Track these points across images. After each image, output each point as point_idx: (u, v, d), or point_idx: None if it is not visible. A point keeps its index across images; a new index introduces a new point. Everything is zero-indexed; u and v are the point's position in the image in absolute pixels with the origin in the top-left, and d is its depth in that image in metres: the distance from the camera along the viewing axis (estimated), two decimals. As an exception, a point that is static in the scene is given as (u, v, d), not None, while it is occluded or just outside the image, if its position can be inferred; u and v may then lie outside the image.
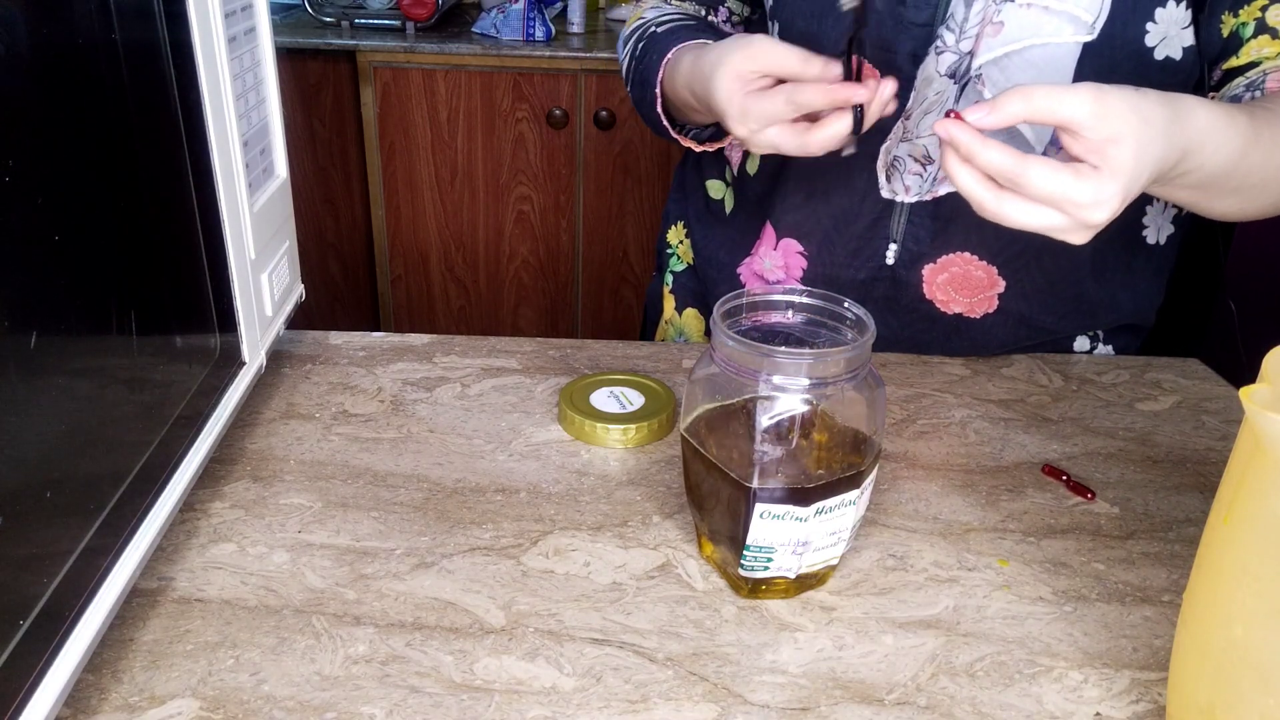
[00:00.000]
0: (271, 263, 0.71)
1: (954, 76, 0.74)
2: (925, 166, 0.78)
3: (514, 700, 0.49)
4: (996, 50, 0.71)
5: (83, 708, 0.48)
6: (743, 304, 0.58)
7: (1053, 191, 0.55)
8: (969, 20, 0.72)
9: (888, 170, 0.80)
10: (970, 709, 0.50)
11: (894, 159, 0.79)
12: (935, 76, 0.75)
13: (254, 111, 0.67)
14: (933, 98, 0.76)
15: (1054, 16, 0.70)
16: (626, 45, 0.90)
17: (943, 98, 0.75)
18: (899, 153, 0.79)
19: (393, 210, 2.19)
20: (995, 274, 0.82)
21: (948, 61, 0.74)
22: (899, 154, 0.79)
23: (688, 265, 1.02)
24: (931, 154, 0.78)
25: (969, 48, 0.73)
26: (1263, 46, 0.74)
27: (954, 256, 0.82)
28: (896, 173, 0.79)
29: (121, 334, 0.51)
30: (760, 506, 0.52)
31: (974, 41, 0.72)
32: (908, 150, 0.78)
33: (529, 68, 2.05)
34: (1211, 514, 0.42)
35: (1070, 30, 0.70)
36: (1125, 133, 0.55)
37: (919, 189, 0.79)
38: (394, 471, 0.67)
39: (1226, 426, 0.77)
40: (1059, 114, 0.55)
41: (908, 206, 0.80)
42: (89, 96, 0.48)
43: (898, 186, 0.80)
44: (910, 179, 0.79)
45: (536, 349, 0.84)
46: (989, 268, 0.82)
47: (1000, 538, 0.63)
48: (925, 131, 0.77)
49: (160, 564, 0.57)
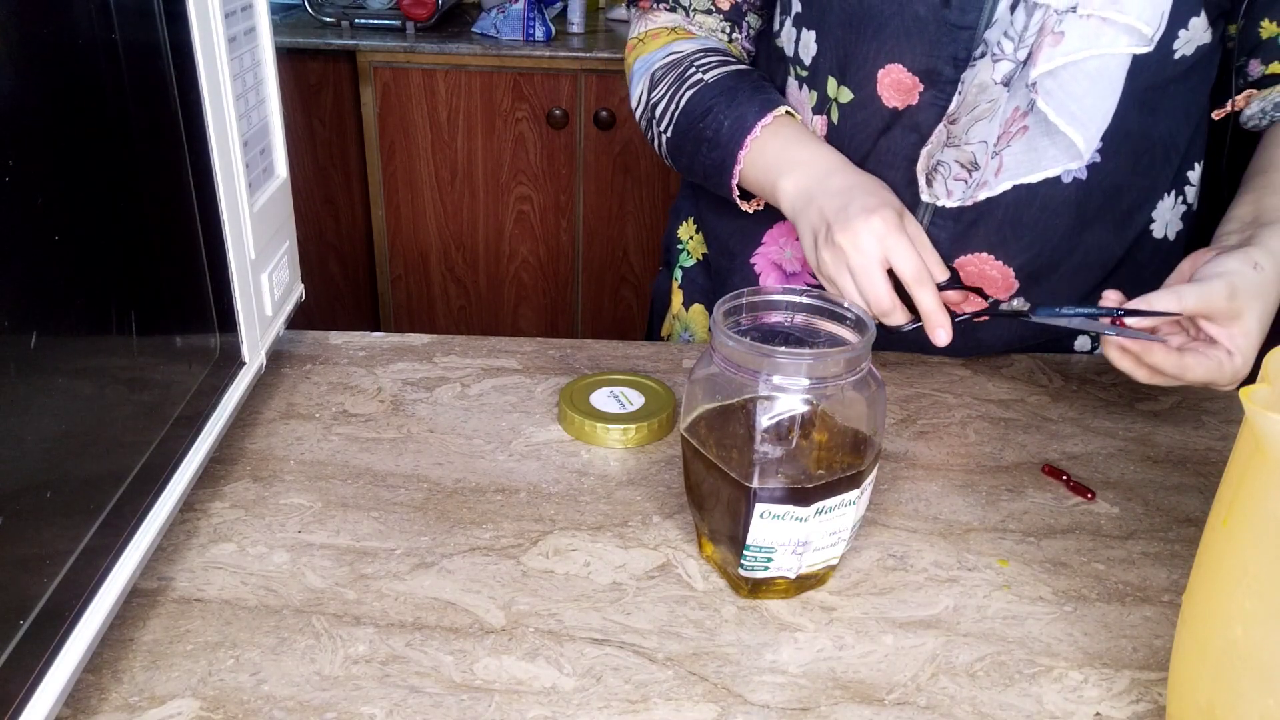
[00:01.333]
0: (271, 263, 0.71)
1: (1007, 85, 0.74)
2: (971, 173, 0.77)
3: (514, 700, 0.49)
4: (1057, 60, 0.71)
5: (83, 708, 0.48)
6: (743, 304, 0.58)
7: (1205, 379, 0.67)
8: (1028, 29, 0.72)
9: (929, 174, 0.79)
10: (970, 709, 0.50)
11: (937, 163, 0.78)
12: (990, 84, 0.74)
13: (254, 111, 0.67)
14: (985, 105, 0.75)
15: (1112, 27, 0.70)
16: (654, 76, 0.88)
17: (995, 106, 0.75)
18: (944, 158, 0.78)
19: (393, 210, 2.19)
20: (1011, 276, 0.82)
21: (1004, 70, 0.73)
22: (943, 159, 0.78)
23: (697, 260, 1.02)
24: (978, 160, 0.77)
25: (1024, 56, 0.72)
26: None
27: (971, 257, 0.81)
28: (939, 177, 0.78)
29: (121, 334, 0.51)
30: (760, 506, 0.52)
31: (1031, 50, 0.72)
32: (954, 156, 0.77)
33: (529, 68, 2.05)
34: (1211, 514, 0.42)
35: (1126, 41, 0.70)
36: (1247, 312, 0.66)
37: (962, 194, 0.79)
38: (394, 471, 0.67)
39: (1226, 426, 0.77)
40: (1204, 309, 0.66)
41: (932, 208, 0.80)
42: (89, 96, 0.48)
43: (940, 190, 0.79)
44: (954, 184, 0.78)
45: (536, 349, 0.84)
46: (1005, 269, 0.82)
47: (1000, 538, 0.63)
48: (975, 138, 0.76)
49: (160, 564, 0.57)
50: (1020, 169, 0.77)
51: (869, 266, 0.70)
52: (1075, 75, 0.72)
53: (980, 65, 0.74)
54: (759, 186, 0.81)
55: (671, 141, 0.87)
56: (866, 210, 0.71)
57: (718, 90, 0.83)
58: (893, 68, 0.77)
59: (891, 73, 0.77)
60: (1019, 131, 0.76)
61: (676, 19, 0.91)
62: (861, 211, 0.71)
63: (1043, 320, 0.72)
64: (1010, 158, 0.77)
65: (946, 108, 0.76)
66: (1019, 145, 0.76)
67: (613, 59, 2.05)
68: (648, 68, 0.89)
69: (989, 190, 0.78)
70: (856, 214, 0.71)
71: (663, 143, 0.88)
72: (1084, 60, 0.71)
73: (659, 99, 0.87)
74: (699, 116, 0.83)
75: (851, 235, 0.70)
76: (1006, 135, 0.76)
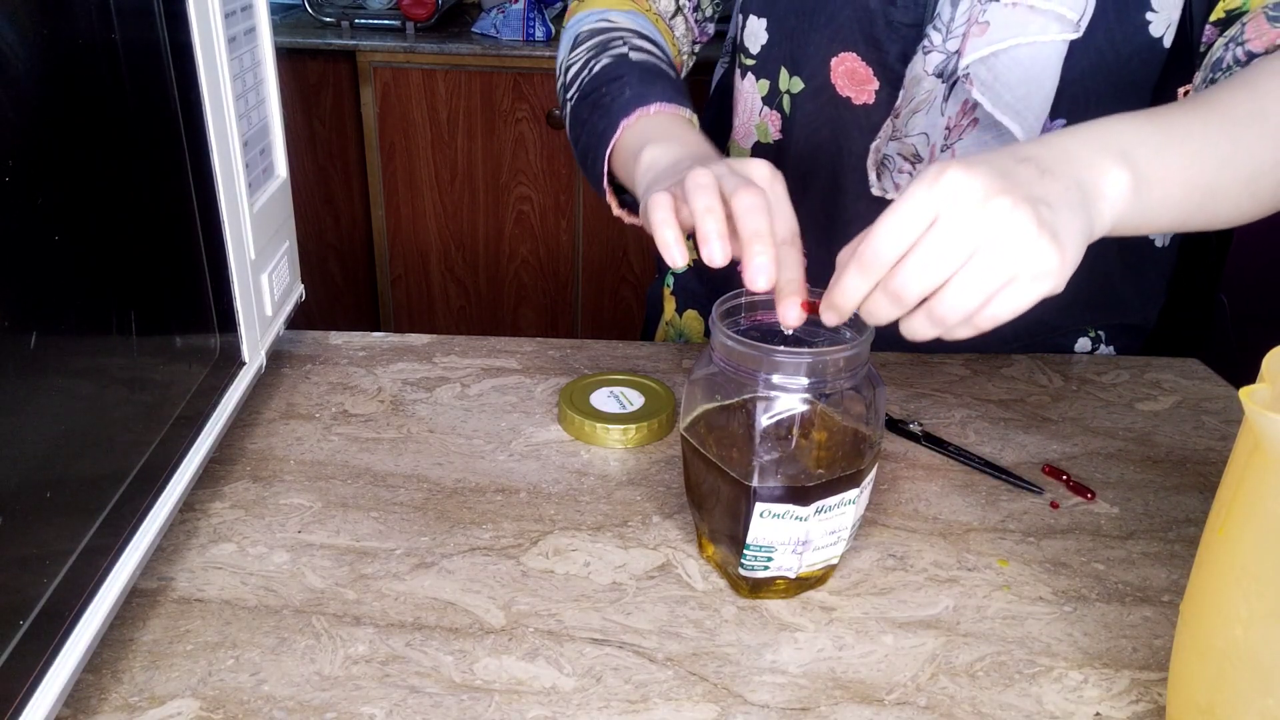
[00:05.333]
0: (271, 263, 0.71)
1: (942, 76, 0.75)
2: (915, 165, 0.79)
3: (514, 700, 0.49)
4: (983, 50, 0.71)
5: (83, 708, 0.48)
6: (742, 304, 0.58)
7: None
8: (955, 20, 0.72)
9: (878, 169, 0.80)
10: (970, 709, 0.50)
11: (884, 158, 0.79)
12: (924, 76, 0.75)
13: (254, 111, 0.67)
14: (922, 96, 0.76)
15: (1039, 15, 0.70)
16: (578, 39, 0.80)
17: (932, 96, 0.75)
18: (889, 151, 0.79)
19: (393, 210, 2.19)
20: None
21: (935, 61, 0.74)
22: (889, 153, 0.79)
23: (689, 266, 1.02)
24: (921, 153, 0.78)
25: (956, 47, 0.73)
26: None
27: None
28: (886, 171, 0.79)
29: (121, 334, 0.51)
30: (760, 505, 0.52)
31: (961, 41, 0.72)
32: (897, 149, 0.78)
33: (529, 68, 2.05)
34: (1211, 514, 0.42)
35: (1056, 28, 0.70)
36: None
37: None
38: (394, 471, 0.67)
39: (1226, 426, 0.77)
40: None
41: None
42: (89, 96, 0.48)
43: (888, 184, 0.80)
44: (900, 177, 0.79)
45: (536, 349, 0.84)
46: None
47: (1000, 538, 0.63)
48: (915, 131, 0.77)
49: (160, 564, 0.57)
50: None
51: (705, 184, 0.54)
52: (1009, 65, 0.72)
53: (915, 58, 0.75)
54: (624, 159, 0.69)
55: (574, 109, 0.77)
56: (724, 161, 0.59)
57: (636, 68, 0.74)
58: (846, 56, 0.77)
59: (845, 60, 0.78)
60: (970, 125, 0.76)
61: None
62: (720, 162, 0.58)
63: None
64: (962, 150, 0.77)
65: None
66: (970, 139, 0.77)
67: (613, 59, 2.05)
68: (576, 29, 0.83)
69: None
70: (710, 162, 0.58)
71: (567, 111, 0.79)
72: (1014, 49, 0.71)
73: (575, 61, 0.79)
74: (605, 81, 0.74)
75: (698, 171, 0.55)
76: (957, 128, 0.76)
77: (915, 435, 0.73)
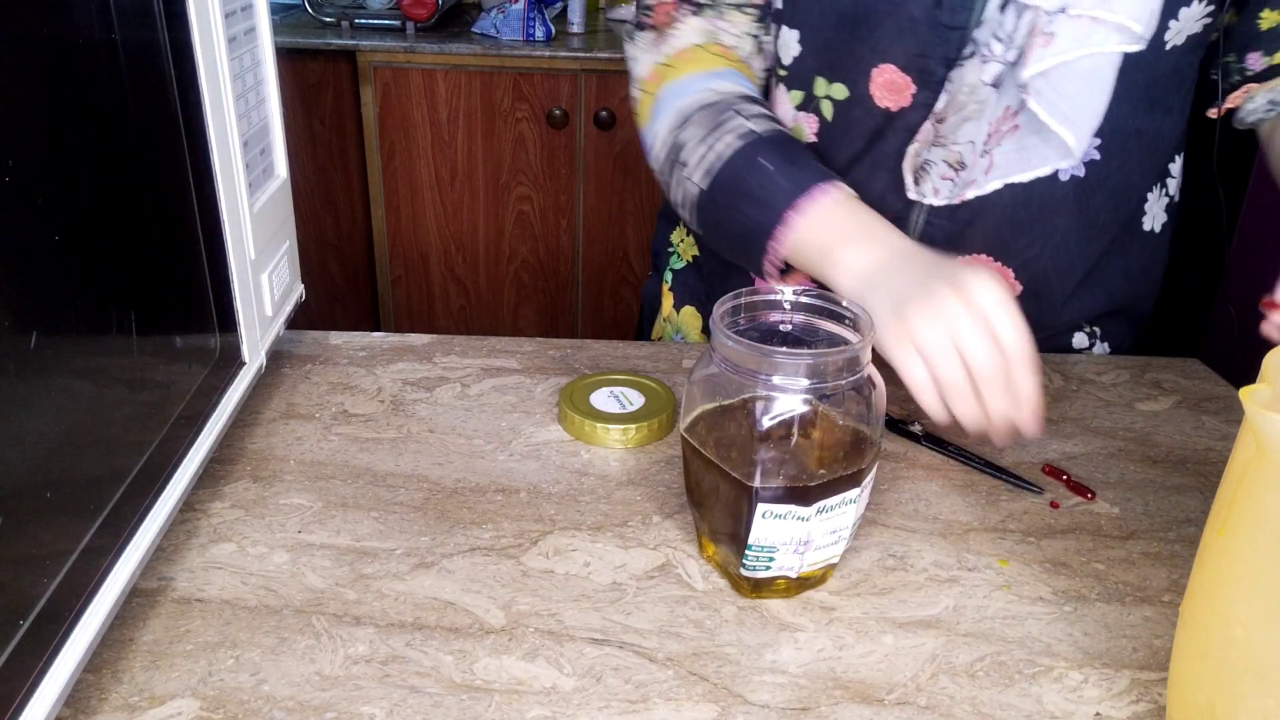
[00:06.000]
0: (271, 263, 0.71)
1: (997, 86, 0.74)
2: (958, 172, 0.78)
3: (514, 700, 0.49)
4: (1048, 61, 0.71)
5: (83, 708, 0.48)
6: (742, 304, 0.58)
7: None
8: (1018, 30, 0.71)
9: (916, 173, 0.79)
10: (970, 709, 0.50)
11: (925, 162, 0.78)
12: (979, 85, 0.74)
13: (254, 111, 0.67)
14: (974, 106, 0.75)
15: (1102, 26, 0.70)
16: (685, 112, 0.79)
17: (984, 106, 0.75)
18: (931, 156, 0.78)
19: (393, 210, 2.19)
20: (1012, 276, 0.82)
21: (993, 71, 0.73)
22: (931, 158, 0.78)
23: (688, 263, 1.02)
24: (965, 160, 0.77)
25: (1015, 58, 0.72)
26: None
27: (969, 259, 0.81)
28: (927, 175, 0.78)
29: (121, 334, 0.51)
30: (762, 506, 0.52)
31: (1021, 51, 0.72)
32: (941, 155, 0.77)
33: (529, 68, 2.05)
34: (1211, 514, 0.42)
35: (1117, 40, 0.71)
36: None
37: (950, 193, 0.79)
38: (394, 471, 0.67)
39: (1226, 426, 0.77)
40: None
41: (927, 209, 0.80)
42: (89, 96, 0.48)
43: (927, 189, 0.79)
44: (941, 183, 0.78)
45: (536, 349, 0.84)
46: (1005, 269, 0.82)
47: (1000, 538, 0.63)
48: (963, 138, 0.76)
49: (160, 564, 0.57)
50: (1011, 168, 0.77)
51: (947, 359, 0.61)
52: (1066, 75, 0.72)
53: (969, 65, 0.74)
54: (807, 253, 0.72)
55: (703, 193, 0.77)
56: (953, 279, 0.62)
57: (771, 146, 0.74)
58: (886, 68, 0.77)
59: (885, 72, 0.77)
60: (1009, 130, 0.76)
61: (704, 24, 0.82)
62: (949, 278, 0.62)
63: None
64: (1000, 156, 0.77)
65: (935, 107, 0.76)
66: (1009, 144, 0.76)
67: (613, 59, 2.05)
68: (677, 100, 0.80)
69: (978, 189, 0.78)
70: (945, 280, 0.62)
71: (687, 190, 0.79)
72: (1075, 60, 0.71)
73: (688, 139, 0.78)
74: (746, 170, 0.74)
75: (932, 328, 0.62)
76: (997, 134, 0.76)
77: (916, 435, 0.73)
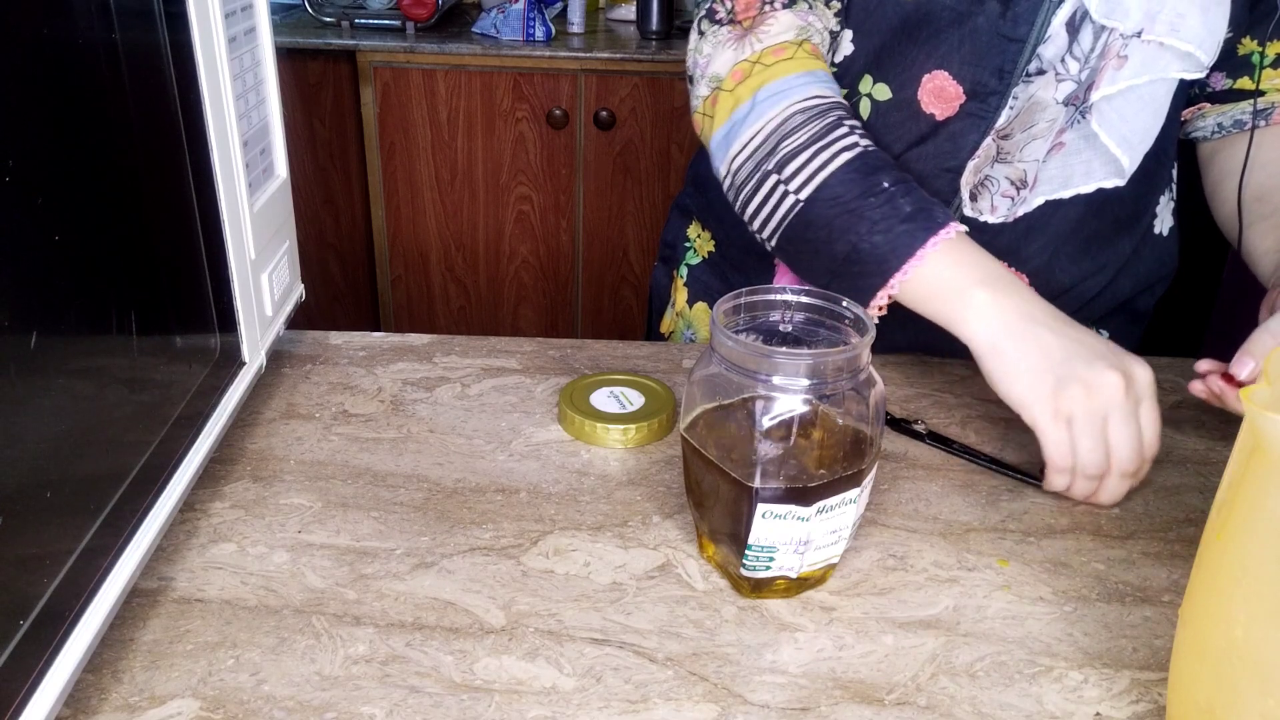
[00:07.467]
0: (271, 263, 0.71)
1: (1068, 105, 0.74)
2: (1019, 190, 0.77)
3: (514, 700, 0.49)
4: (1120, 83, 0.71)
5: (83, 708, 0.48)
6: (742, 304, 0.58)
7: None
8: (1095, 50, 0.71)
9: (974, 188, 0.78)
10: (970, 709, 0.50)
11: (986, 178, 0.77)
12: (1051, 103, 0.73)
13: (254, 111, 0.67)
14: (1044, 124, 0.74)
15: (1167, 52, 0.71)
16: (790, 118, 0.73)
17: (1053, 126, 0.75)
18: (993, 173, 0.77)
19: (393, 210, 2.19)
20: (1026, 281, 0.82)
21: (1066, 89, 0.73)
22: (993, 174, 0.77)
23: (704, 259, 1.01)
24: (1028, 178, 0.77)
25: (1088, 78, 0.73)
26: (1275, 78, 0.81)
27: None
28: (986, 192, 0.77)
29: (121, 334, 0.51)
30: (762, 506, 0.52)
31: (1095, 73, 0.72)
32: (1005, 173, 0.77)
33: (529, 68, 2.05)
34: (1211, 515, 0.42)
35: (1180, 66, 0.72)
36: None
37: (1007, 211, 0.78)
38: (394, 471, 0.67)
39: (1226, 426, 0.77)
40: None
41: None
42: (89, 97, 0.48)
43: (984, 205, 0.78)
44: (1000, 200, 0.78)
45: (536, 349, 0.84)
46: (1020, 275, 0.82)
47: (1000, 538, 0.63)
48: (1029, 156, 0.75)
49: (160, 564, 0.57)
50: (1054, 184, 0.78)
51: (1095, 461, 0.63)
52: (1129, 97, 0.73)
53: (1040, 82, 0.73)
54: (934, 290, 0.69)
55: (815, 210, 0.72)
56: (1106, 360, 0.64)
57: (889, 168, 0.71)
58: (938, 74, 0.75)
59: (936, 79, 0.76)
60: (1055, 148, 0.76)
61: (796, 19, 0.77)
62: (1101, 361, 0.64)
63: None
64: (1044, 173, 0.77)
65: (985, 120, 0.75)
66: (1054, 161, 0.77)
67: (613, 59, 2.05)
68: (780, 101, 0.74)
69: (1026, 206, 0.78)
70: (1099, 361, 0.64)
71: (779, 202, 0.74)
72: (1143, 84, 0.72)
73: (788, 147, 0.73)
74: (859, 188, 0.70)
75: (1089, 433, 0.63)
76: (1050, 152, 0.76)
77: (920, 434, 0.73)
